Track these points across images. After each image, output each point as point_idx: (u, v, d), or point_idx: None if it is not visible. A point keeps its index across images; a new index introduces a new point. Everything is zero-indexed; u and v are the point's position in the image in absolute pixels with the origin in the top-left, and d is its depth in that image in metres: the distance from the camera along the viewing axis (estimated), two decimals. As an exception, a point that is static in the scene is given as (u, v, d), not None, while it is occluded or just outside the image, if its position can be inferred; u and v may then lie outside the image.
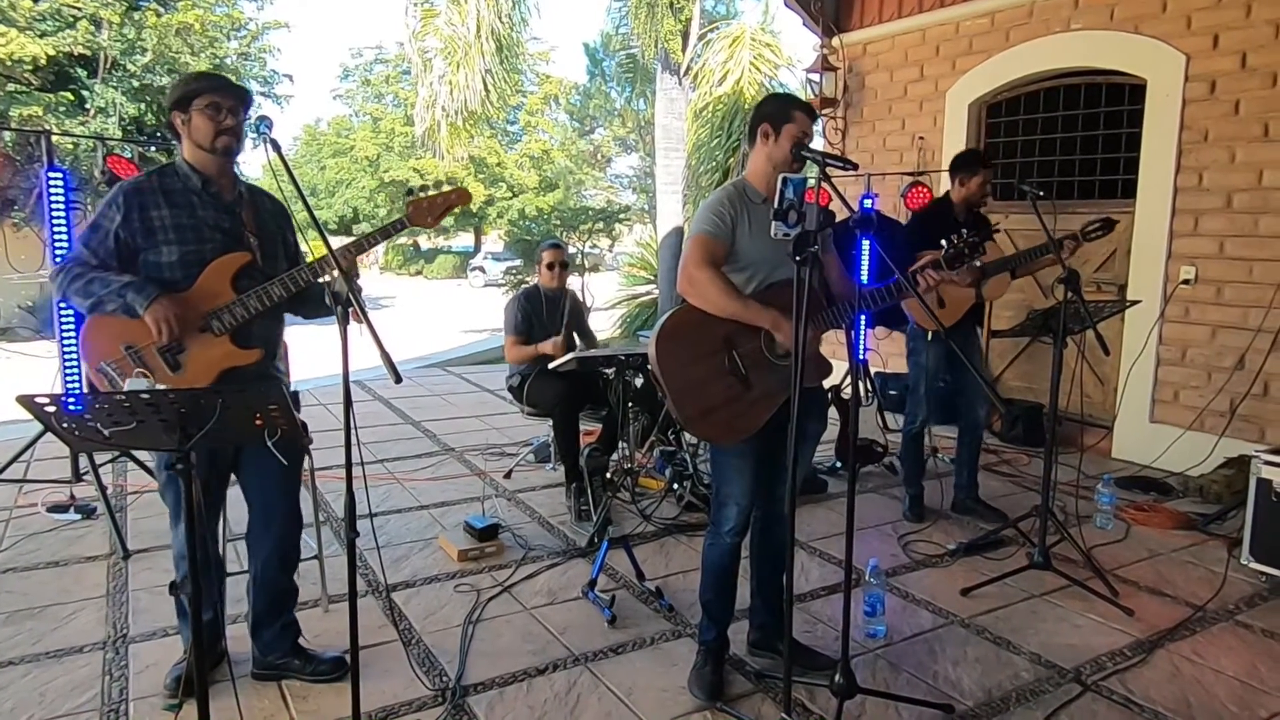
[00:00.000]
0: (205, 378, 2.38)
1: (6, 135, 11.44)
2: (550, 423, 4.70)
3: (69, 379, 3.93)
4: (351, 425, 2.11)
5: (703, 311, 2.50)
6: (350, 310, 1.97)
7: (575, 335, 4.75)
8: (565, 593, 3.42)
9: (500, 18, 10.33)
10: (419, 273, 36.32)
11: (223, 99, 2.35)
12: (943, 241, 2.59)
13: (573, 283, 9.53)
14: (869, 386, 5.75)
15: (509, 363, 4.80)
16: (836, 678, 2.47)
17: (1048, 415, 3.59)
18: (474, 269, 31.69)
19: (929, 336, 4.07)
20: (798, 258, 2.07)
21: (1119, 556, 3.85)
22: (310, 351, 5.09)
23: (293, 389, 2.71)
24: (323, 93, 40.90)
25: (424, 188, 2.62)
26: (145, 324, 2.27)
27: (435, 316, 17.71)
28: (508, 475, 4.95)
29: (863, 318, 5.91)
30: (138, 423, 1.85)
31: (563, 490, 4.52)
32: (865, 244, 5.37)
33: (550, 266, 4.77)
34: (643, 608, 3.30)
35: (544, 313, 4.74)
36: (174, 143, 2.51)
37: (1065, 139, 5.95)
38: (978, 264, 2.61)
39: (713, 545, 2.72)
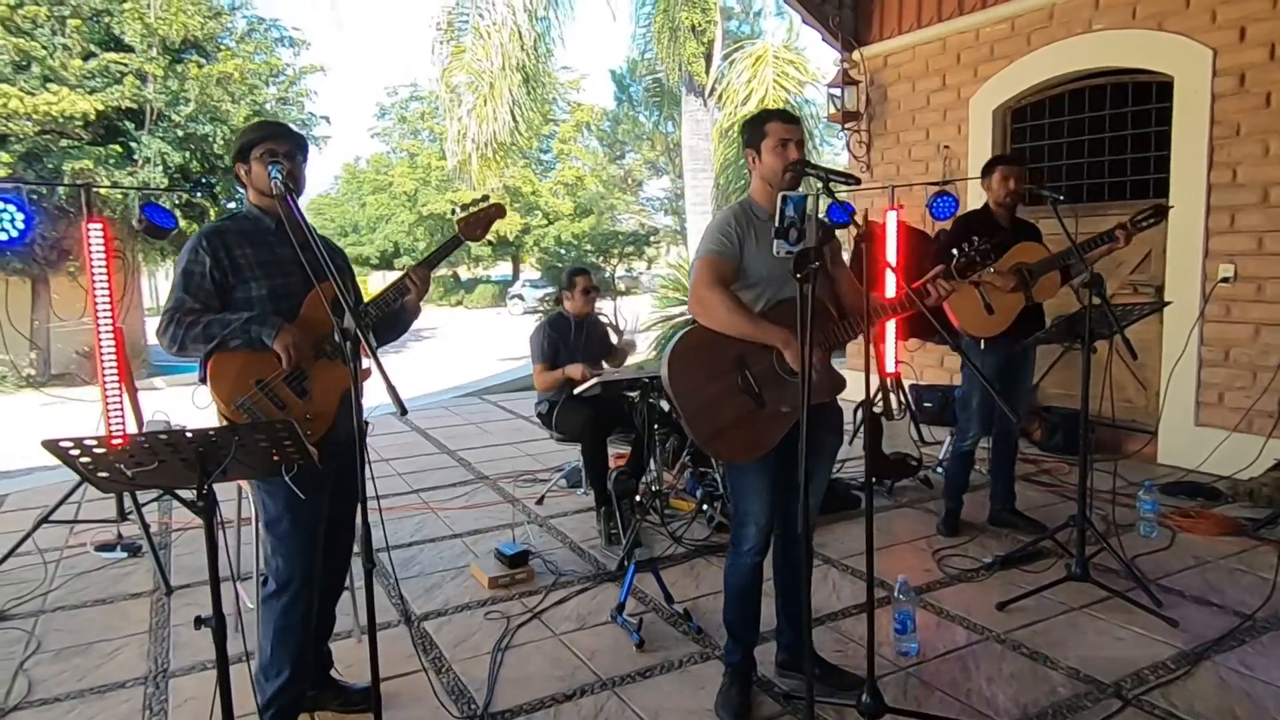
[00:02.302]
0: (331, 400, 2.45)
1: (59, 189, 11.92)
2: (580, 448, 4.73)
3: (115, 423, 4.06)
4: (366, 459, 2.15)
5: (714, 331, 2.51)
6: (360, 347, 2.00)
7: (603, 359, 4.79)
8: (594, 617, 3.43)
9: (525, 51, 10.52)
10: (459, 303, 36.82)
11: (278, 145, 2.43)
12: (954, 250, 2.57)
13: (605, 307, 9.57)
14: (902, 399, 5.67)
15: (538, 390, 4.85)
16: (864, 697, 2.43)
17: (1096, 426, 3.51)
18: (513, 297, 32.03)
19: (980, 346, 3.98)
20: (799, 275, 2.07)
21: (1163, 565, 3.74)
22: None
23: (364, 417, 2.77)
24: (362, 131, 41.84)
25: (465, 206, 2.78)
26: (267, 358, 2.35)
27: (475, 346, 17.93)
28: (540, 501, 4.99)
29: (892, 329, 5.86)
30: (159, 462, 1.91)
31: (594, 514, 4.54)
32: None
33: (586, 292, 4.81)
34: (671, 630, 3.28)
35: (570, 338, 4.78)
36: (240, 190, 2.63)
37: (1093, 141, 5.86)
38: (990, 270, 2.56)
39: (734, 566, 2.70)
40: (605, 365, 4.75)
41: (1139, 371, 5.50)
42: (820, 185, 2.40)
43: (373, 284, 44.66)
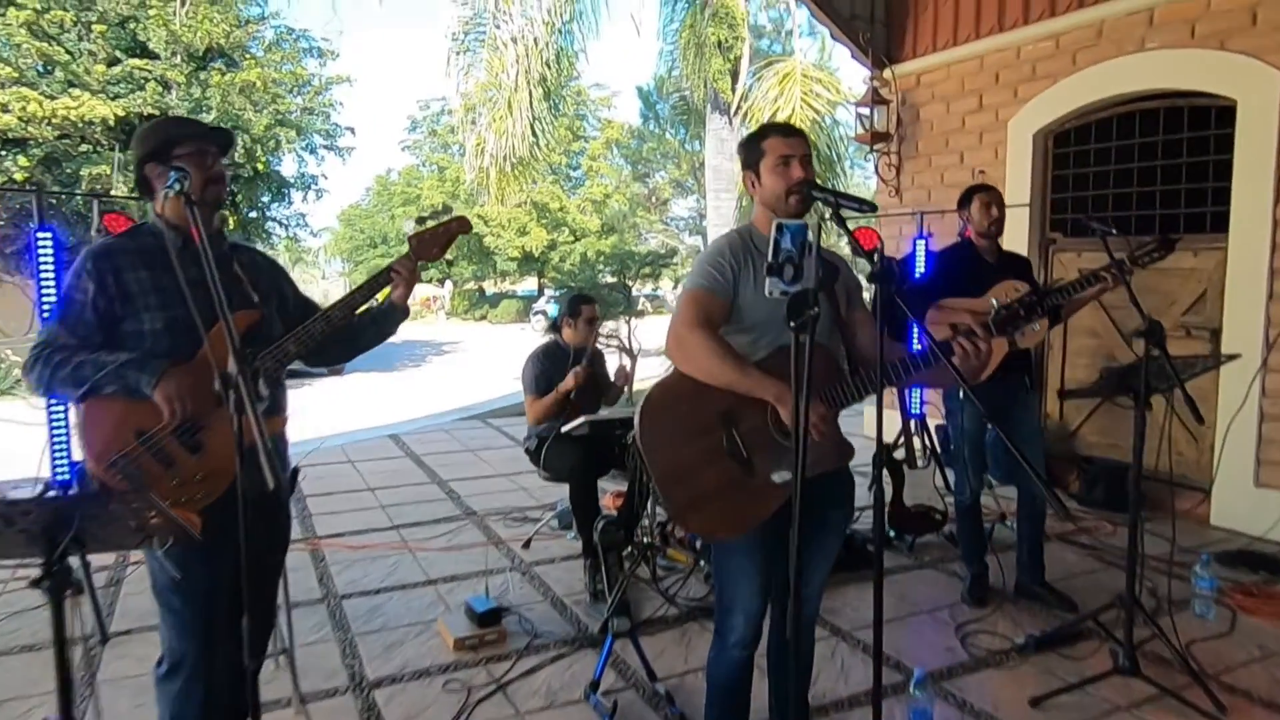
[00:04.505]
0: (233, 456, 1.94)
1: (77, 197, 11.80)
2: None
3: (57, 460, 3.73)
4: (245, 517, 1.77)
5: (697, 380, 2.11)
6: (241, 395, 1.62)
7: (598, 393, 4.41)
8: (566, 693, 3.02)
9: (546, 64, 10.22)
10: (483, 317, 36.70)
11: (207, 144, 2.07)
12: (993, 300, 2.15)
13: (620, 328, 9.18)
14: (926, 442, 5.21)
15: (530, 424, 4.48)
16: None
17: (1142, 481, 3.05)
18: (536, 313, 31.79)
19: (960, 395, 3.58)
20: (793, 323, 1.67)
21: (1224, 655, 3.25)
22: (340, 405, 4.80)
23: (294, 465, 2.34)
24: (394, 144, 42.09)
25: (422, 219, 2.37)
26: (153, 405, 1.96)
27: (494, 362, 17.63)
28: (526, 544, 4.59)
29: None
30: (-9, 533, 1.55)
31: (582, 563, 4.13)
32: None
33: (590, 322, 4.46)
34: (651, 715, 2.86)
35: (565, 368, 4.40)
36: (144, 200, 2.24)
37: (1144, 169, 5.38)
38: (1036, 327, 2.14)
39: (718, 659, 2.29)
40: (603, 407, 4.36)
41: (1190, 422, 5.00)
42: (830, 211, 2.01)
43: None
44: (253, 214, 16.14)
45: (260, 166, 14.43)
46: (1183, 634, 3.24)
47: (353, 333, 2.29)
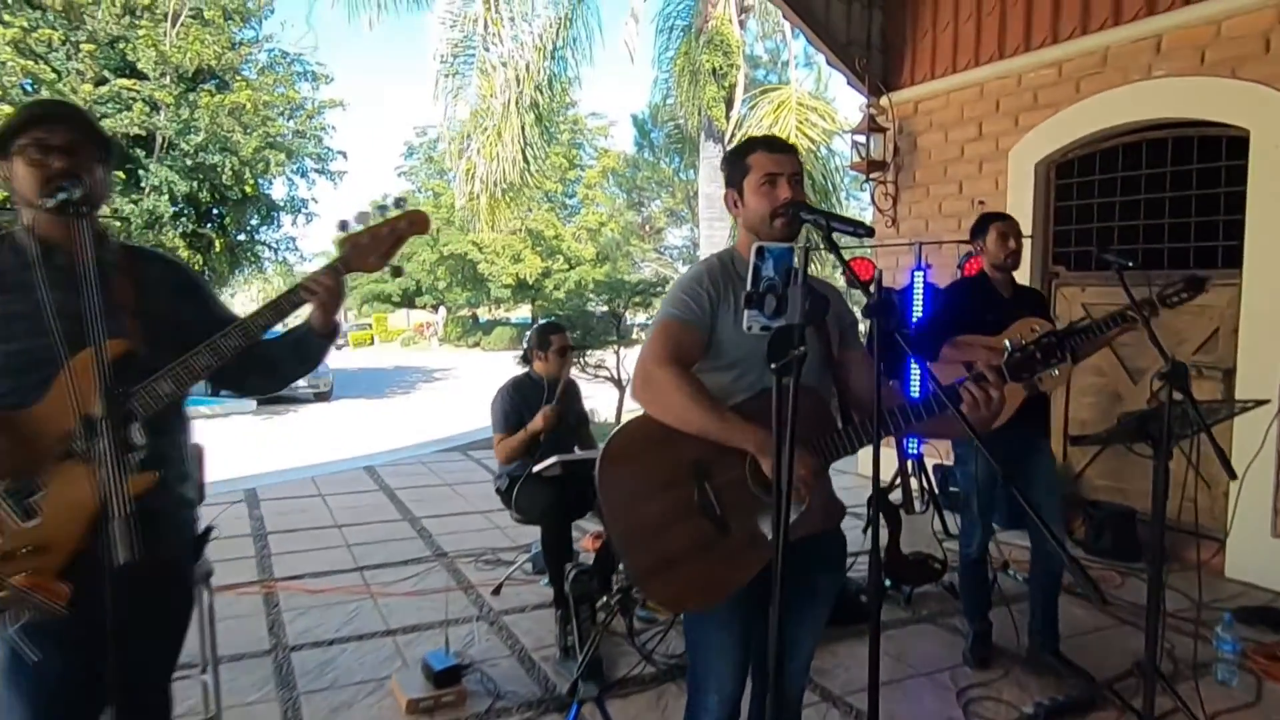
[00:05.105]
0: (77, 523, 1.59)
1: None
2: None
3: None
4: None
5: (666, 425, 1.84)
6: (106, 440, 1.34)
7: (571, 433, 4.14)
8: (526, 767, 2.72)
9: (539, 89, 10.07)
10: (476, 344, 36.49)
11: (50, 134, 1.64)
12: (1006, 343, 1.89)
13: (608, 359, 8.93)
14: (924, 484, 4.94)
15: (499, 463, 4.20)
16: None
17: (1149, 531, 2.77)
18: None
19: (974, 444, 3.30)
20: (774, 365, 1.41)
21: (1253, 730, 2.96)
22: (324, 432, 4.51)
23: (205, 525, 1.97)
24: (390, 170, 42.19)
25: (363, 215, 1.88)
26: None
27: (485, 389, 17.40)
28: (497, 590, 4.28)
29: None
30: None
31: (554, 612, 3.84)
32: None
33: (561, 353, 4.22)
34: (618, 796, 2.56)
35: (538, 404, 4.14)
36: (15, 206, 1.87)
37: (1151, 200, 5.17)
38: (1055, 372, 1.88)
39: (689, 743, 2.00)
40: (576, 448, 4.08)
41: (1202, 468, 4.73)
42: (820, 235, 1.76)
43: (392, 322, 44.59)
44: (241, 237, 15.94)
45: (249, 189, 14.24)
46: (1206, 703, 2.95)
47: (269, 362, 1.89)
